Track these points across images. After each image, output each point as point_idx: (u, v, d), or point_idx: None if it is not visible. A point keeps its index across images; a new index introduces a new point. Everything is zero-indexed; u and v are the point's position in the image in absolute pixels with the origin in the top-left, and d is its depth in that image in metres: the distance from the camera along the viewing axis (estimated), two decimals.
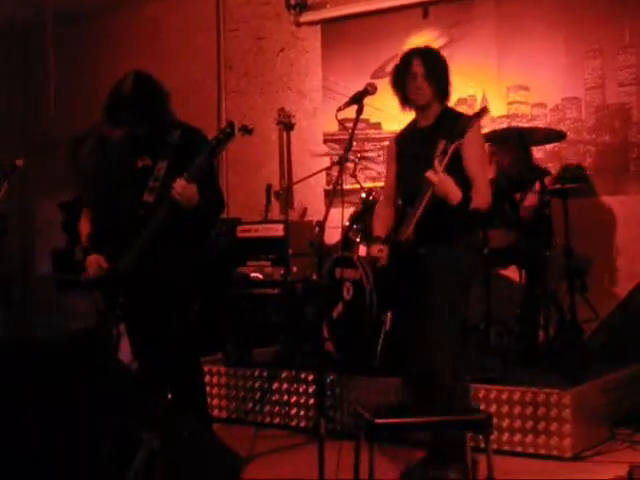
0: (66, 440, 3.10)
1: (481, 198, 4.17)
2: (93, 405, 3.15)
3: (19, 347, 3.32)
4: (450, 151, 3.95)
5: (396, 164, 4.50)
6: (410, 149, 4.38)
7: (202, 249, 4.72)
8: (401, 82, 4.33)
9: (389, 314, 4.25)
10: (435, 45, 6.53)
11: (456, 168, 4.09)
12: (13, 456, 3.04)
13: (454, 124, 4.03)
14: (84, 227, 4.62)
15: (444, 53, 4.49)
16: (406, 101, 4.36)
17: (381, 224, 4.56)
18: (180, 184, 4.17)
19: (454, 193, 4.01)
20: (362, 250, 5.87)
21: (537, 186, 5.57)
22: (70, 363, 3.26)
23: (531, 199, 5.58)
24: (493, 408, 4.85)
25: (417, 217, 4.07)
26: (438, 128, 4.22)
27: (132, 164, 4.44)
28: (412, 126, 4.46)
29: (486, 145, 5.98)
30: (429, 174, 3.97)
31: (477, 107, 6.84)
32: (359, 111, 4.08)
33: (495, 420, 4.69)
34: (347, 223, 5.77)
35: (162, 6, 8.66)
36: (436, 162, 3.97)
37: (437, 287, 4.18)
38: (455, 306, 4.24)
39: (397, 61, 4.42)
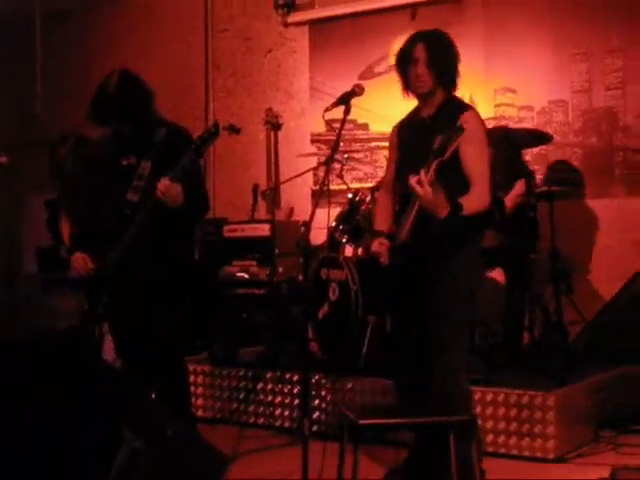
0: (47, 438, 3.09)
1: (478, 200, 3.94)
2: (76, 404, 3.14)
3: (2, 346, 3.32)
4: (432, 168, 3.70)
5: (396, 153, 4.29)
6: (410, 139, 4.17)
7: (187, 248, 4.72)
8: (402, 67, 4.11)
9: (388, 318, 4.21)
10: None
11: (455, 165, 3.90)
12: None
13: (450, 123, 3.79)
14: (65, 228, 4.62)
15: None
16: (408, 87, 4.14)
17: (382, 216, 4.37)
18: (164, 184, 4.16)
19: (440, 207, 3.76)
20: (348, 251, 5.88)
21: (520, 187, 5.57)
22: (53, 362, 3.25)
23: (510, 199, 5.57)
24: (477, 409, 4.85)
25: (410, 222, 3.96)
26: (438, 120, 4.02)
27: (116, 163, 4.43)
28: (414, 115, 4.24)
29: None
30: (414, 184, 3.73)
31: None
32: (346, 112, 4.04)
33: (479, 421, 4.71)
34: (333, 223, 5.77)
35: (150, 5, 8.65)
36: (422, 172, 3.72)
37: (434, 299, 4.04)
38: (450, 315, 4.06)
39: (401, 44, 4.16)
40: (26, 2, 8.50)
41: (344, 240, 5.75)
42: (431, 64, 4.01)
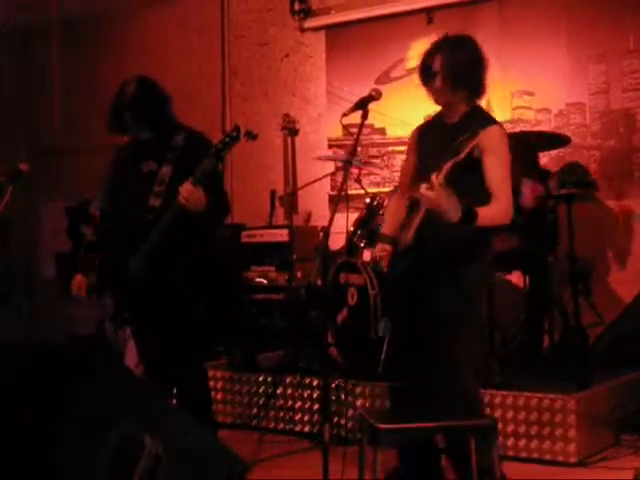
0: (69, 445, 3.10)
1: (498, 215, 3.88)
2: (96, 410, 3.15)
3: (22, 351, 3.33)
4: (445, 168, 3.65)
5: (415, 156, 4.23)
6: (431, 144, 4.10)
7: (207, 252, 4.73)
8: (423, 79, 4.07)
9: (389, 323, 4.20)
10: None
11: (474, 177, 3.86)
12: (14, 461, 3.05)
13: (475, 131, 3.71)
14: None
15: None
16: (431, 96, 4.10)
17: (390, 220, 4.33)
18: (186, 188, 4.18)
19: (453, 210, 3.66)
20: (367, 255, 5.87)
21: (538, 189, 5.55)
22: (74, 368, 3.26)
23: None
24: (498, 413, 4.85)
25: (415, 227, 3.95)
26: (461, 128, 3.89)
27: (136, 169, 4.46)
28: (437, 119, 4.19)
29: None
30: (422, 189, 3.67)
31: None
32: (364, 117, 4.01)
33: (500, 425, 4.69)
34: (352, 228, 5.77)
35: (166, 12, 8.68)
36: (433, 176, 3.66)
37: (443, 311, 3.98)
38: (463, 324, 4.00)
39: (422, 53, 4.09)
40: (43, 13, 8.55)
41: (362, 245, 5.74)
42: (448, 77, 3.97)
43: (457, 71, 3.97)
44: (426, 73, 4.06)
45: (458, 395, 3.98)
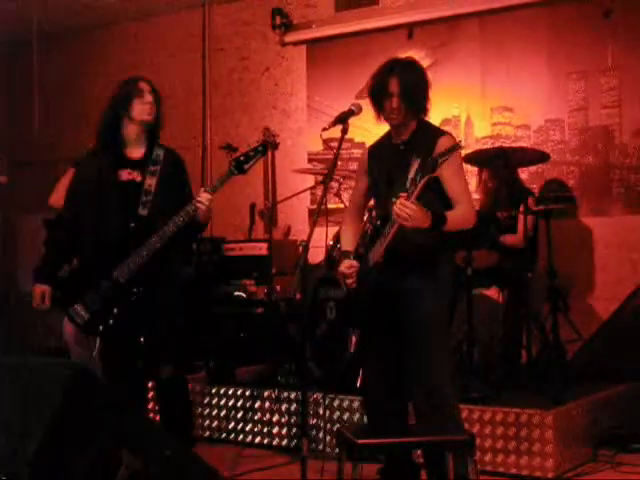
0: (44, 459, 3.07)
1: (463, 218, 4.00)
2: (73, 424, 3.13)
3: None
4: (420, 185, 3.69)
5: (367, 178, 4.33)
6: (384, 165, 4.21)
7: (187, 265, 4.75)
8: (377, 98, 4.15)
9: (354, 337, 4.22)
10: None
11: (435, 188, 3.92)
12: None
13: (427, 146, 3.87)
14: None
15: (428, 74, 4.28)
16: (381, 116, 4.20)
17: (351, 238, 4.41)
18: (205, 197, 4.28)
19: (423, 222, 3.77)
20: None
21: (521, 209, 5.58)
22: (50, 382, 3.24)
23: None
24: (476, 428, 4.85)
25: (386, 243, 3.95)
26: (412, 144, 4.07)
27: (113, 177, 4.46)
28: (386, 140, 4.29)
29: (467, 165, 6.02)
30: (397, 209, 3.72)
31: (461, 128, 6.90)
32: (344, 131, 4.05)
33: (478, 441, 4.70)
34: (331, 242, 5.77)
35: (148, 24, 8.69)
36: (405, 195, 3.73)
37: (421, 319, 4.02)
38: (440, 332, 4.11)
39: (375, 73, 4.21)
40: (23, 25, 8.52)
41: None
42: (405, 98, 4.06)
43: (413, 92, 4.08)
44: (381, 94, 4.12)
45: (436, 406, 4.00)
